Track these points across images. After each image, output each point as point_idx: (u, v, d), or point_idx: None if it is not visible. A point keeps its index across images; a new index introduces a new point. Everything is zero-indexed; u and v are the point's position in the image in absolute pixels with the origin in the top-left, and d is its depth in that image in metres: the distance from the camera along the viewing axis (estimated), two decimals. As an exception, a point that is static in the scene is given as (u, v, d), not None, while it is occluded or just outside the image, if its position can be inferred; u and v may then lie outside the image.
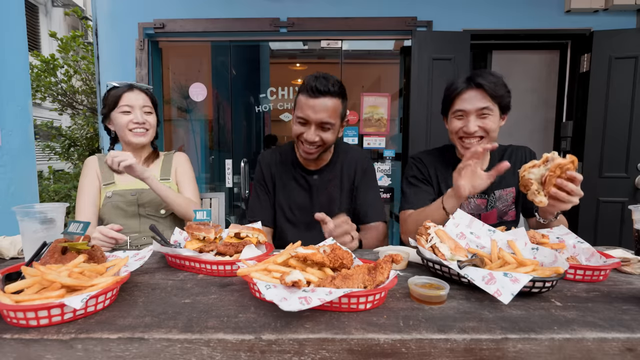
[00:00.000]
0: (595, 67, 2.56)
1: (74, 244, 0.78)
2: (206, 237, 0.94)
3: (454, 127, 1.25)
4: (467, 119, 1.21)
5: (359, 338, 0.54)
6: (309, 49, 3.21)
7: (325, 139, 1.24)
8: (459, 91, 1.22)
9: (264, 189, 1.43)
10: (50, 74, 4.94)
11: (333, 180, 1.39)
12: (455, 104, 1.23)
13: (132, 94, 1.38)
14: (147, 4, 2.73)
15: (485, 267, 0.78)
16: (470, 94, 1.20)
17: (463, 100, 1.21)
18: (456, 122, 1.24)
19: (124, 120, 1.36)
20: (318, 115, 1.19)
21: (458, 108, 1.22)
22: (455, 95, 1.23)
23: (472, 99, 1.20)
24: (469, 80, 1.21)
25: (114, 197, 1.37)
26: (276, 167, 1.42)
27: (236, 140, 3.27)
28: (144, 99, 1.40)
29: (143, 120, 1.38)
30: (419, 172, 1.37)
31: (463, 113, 1.22)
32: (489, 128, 1.19)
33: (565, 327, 0.58)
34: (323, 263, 0.70)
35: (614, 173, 2.59)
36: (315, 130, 1.21)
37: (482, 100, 1.19)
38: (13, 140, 1.52)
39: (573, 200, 0.97)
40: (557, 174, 0.94)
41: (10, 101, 1.52)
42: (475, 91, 1.19)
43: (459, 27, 2.66)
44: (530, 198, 0.98)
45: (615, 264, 0.81)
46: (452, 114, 1.25)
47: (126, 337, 0.54)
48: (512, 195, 1.31)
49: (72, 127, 5.26)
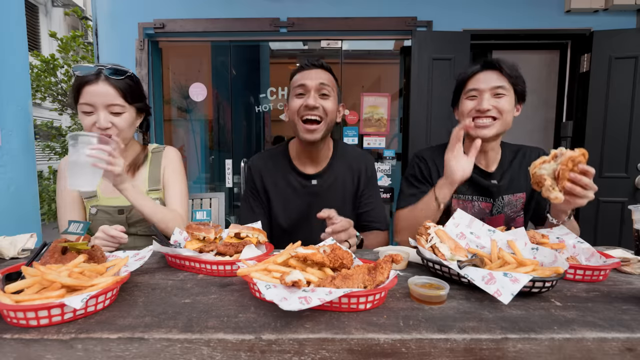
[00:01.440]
0: (595, 67, 2.57)
1: (74, 244, 0.78)
2: (206, 237, 0.94)
3: (466, 108, 1.18)
4: (480, 97, 1.15)
5: (359, 338, 0.54)
6: (309, 49, 3.21)
7: (325, 108, 1.18)
8: (474, 72, 1.17)
9: (257, 200, 1.31)
10: (50, 74, 4.95)
11: (334, 185, 1.29)
12: (469, 85, 1.18)
13: (96, 87, 1.08)
14: (147, 4, 2.73)
15: (485, 267, 0.78)
16: (486, 75, 1.15)
17: (477, 80, 1.16)
18: (468, 102, 1.17)
19: (86, 123, 1.10)
20: (315, 81, 1.17)
21: (472, 87, 1.16)
22: (469, 77, 1.18)
23: (486, 78, 1.15)
24: (484, 63, 1.17)
25: (100, 215, 1.19)
26: (269, 174, 1.30)
27: (236, 140, 3.27)
28: (112, 94, 1.09)
29: (107, 124, 1.09)
30: (420, 171, 1.32)
31: (477, 92, 1.15)
32: (503, 108, 1.13)
33: (565, 327, 0.58)
34: (323, 263, 0.70)
35: (614, 173, 2.59)
36: (314, 96, 1.17)
37: (497, 79, 1.14)
38: (13, 140, 1.52)
39: (589, 194, 0.93)
40: (570, 167, 0.91)
41: (10, 101, 1.52)
42: (491, 72, 1.15)
43: (459, 27, 2.66)
44: (545, 195, 0.93)
45: (615, 264, 0.81)
46: (465, 95, 1.19)
47: (126, 337, 0.54)
48: (521, 201, 1.26)
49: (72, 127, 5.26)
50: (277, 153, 1.34)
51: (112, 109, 1.10)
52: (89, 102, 1.08)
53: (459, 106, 1.24)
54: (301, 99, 1.18)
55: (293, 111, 1.20)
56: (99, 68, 1.10)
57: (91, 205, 1.22)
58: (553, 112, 3.03)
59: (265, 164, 1.32)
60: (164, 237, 0.97)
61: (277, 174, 1.30)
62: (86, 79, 1.08)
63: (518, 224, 1.28)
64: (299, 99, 1.19)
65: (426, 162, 1.32)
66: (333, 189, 1.28)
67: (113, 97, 1.10)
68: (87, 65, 1.11)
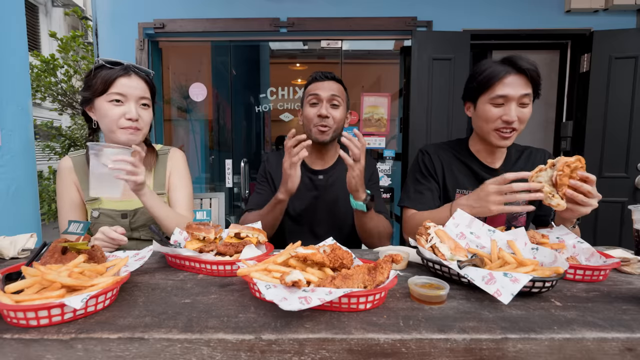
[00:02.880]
0: (595, 67, 2.56)
1: (74, 244, 0.78)
2: (206, 237, 0.94)
3: (492, 115, 1.13)
4: (508, 106, 1.10)
5: (359, 338, 0.54)
6: (309, 49, 3.21)
7: (335, 117, 1.34)
8: (502, 75, 1.11)
9: (267, 185, 1.45)
10: (50, 74, 4.95)
11: (338, 181, 1.41)
12: (496, 89, 1.11)
13: (129, 80, 1.11)
14: (147, 4, 2.73)
15: (485, 267, 0.78)
16: (514, 79, 1.10)
17: (505, 85, 1.10)
18: (494, 109, 1.12)
19: (114, 113, 1.09)
20: (327, 92, 1.33)
21: (500, 94, 1.10)
22: (496, 80, 1.11)
23: (515, 84, 1.10)
24: (510, 63, 1.11)
25: (102, 219, 1.18)
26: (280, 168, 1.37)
27: (236, 140, 3.27)
28: (143, 88, 1.14)
29: (137, 116, 1.12)
30: (425, 166, 1.31)
31: (504, 99, 1.10)
32: (525, 118, 1.11)
33: (565, 327, 0.58)
34: (323, 263, 0.70)
35: (614, 173, 2.59)
36: (326, 106, 1.33)
37: (524, 86, 1.10)
38: (13, 140, 1.52)
39: (592, 202, 0.91)
40: (567, 172, 0.89)
41: (10, 101, 1.51)
42: (518, 76, 1.10)
43: (459, 27, 2.66)
44: (547, 203, 0.91)
45: (615, 264, 0.81)
46: (490, 101, 1.13)
47: (126, 337, 0.54)
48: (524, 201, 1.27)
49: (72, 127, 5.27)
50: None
51: (141, 102, 1.14)
52: (122, 93, 1.10)
53: (476, 106, 1.19)
54: (314, 108, 1.35)
55: (308, 118, 1.36)
56: (127, 64, 1.13)
57: (93, 208, 1.20)
58: (553, 111, 3.03)
59: (278, 160, 1.46)
60: (164, 237, 0.97)
61: None
62: (119, 72, 1.10)
63: (520, 223, 1.28)
64: (312, 108, 1.35)
65: (430, 157, 1.31)
66: (337, 185, 1.41)
67: (144, 91, 1.14)
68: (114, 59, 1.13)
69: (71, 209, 1.21)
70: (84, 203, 1.22)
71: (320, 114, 1.32)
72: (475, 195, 1.02)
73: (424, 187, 1.28)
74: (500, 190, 0.96)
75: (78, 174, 1.21)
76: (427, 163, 1.32)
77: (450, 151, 1.32)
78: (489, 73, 1.13)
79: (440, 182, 1.30)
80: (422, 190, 1.28)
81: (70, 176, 1.21)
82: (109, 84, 1.09)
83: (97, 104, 1.11)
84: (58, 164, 1.25)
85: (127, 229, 1.18)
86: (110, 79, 1.09)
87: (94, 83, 1.10)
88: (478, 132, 1.23)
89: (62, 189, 1.21)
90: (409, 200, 1.29)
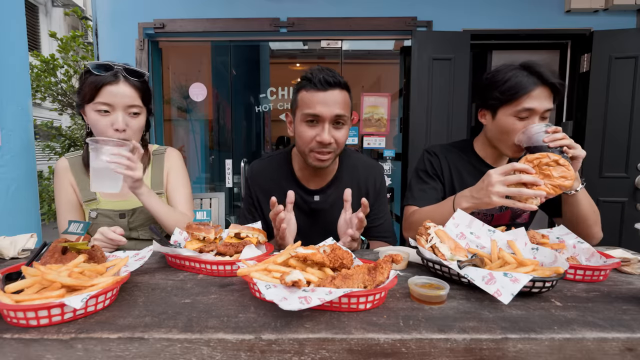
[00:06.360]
0: (595, 67, 2.57)
1: (74, 244, 0.78)
2: (206, 237, 0.94)
3: (516, 127, 1.10)
4: (531, 119, 1.09)
5: (359, 338, 0.54)
6: (309, 49, 3.22)
7: (338, 140, 1.08)
8: (531, 89, 1.07)
9: (255, 210, 1.27)
10: (50, 74, 4.95)
11: (338, 202, 1.14)
12: (523, 102, 1.08)
13: (117, 87, 1.04)
14: (147, 4, 2.73)
15: (485, 267, 0.78)
16: (540, 92, 1.08)
17: (532, 99, 1.08)
18: (518, 122, 1.10)
19: (101, 124, 1.05)
20: (332, 109, 1.03)
21: (527, 107, 1.08)
22: (524, 94, 1.08)
23: (541, 97, 1.08)
24: (537, 75, 1.08)
25: (100, 219, 1.17)
26: (268, 186, 1.23)
27: (236, 140, 3.27)
28: (132, 95, 1.07)
29: (124, 126, 1.06)
30: (431, 166, 1.29)
31: (529, 113, 1.08)
32: None
33: (565, 327, 0.58)
34: (323, 263, 0.70)
35: (613, 173, 2.59)
36: (328, 128, 1.05)
37: (548, 100, 1.09)
38: (13, 140, 1.52)
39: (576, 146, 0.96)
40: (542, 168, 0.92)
41: (10, 101, 1.51)
42: (544, 89, 1.08)
43: (459, 27, 2.66)
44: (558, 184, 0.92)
45: (615, 264, 0.81)
46: (516, 114, 1.10)
47: (126, 337, 0.54)
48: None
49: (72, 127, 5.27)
50: (278, 162, 1.26)
51: (130, 110, 1.08)
52: (108, 102, 1.04)
53: (496, 116, 1.16)
54: (312, 129, 1.07)
55: (303, 139, 1.09)
56: (117, 69, 1.06)
57: (91, 208, 1.19)
58: (553, 111, 3.02)
59: (264, 175, 1.24)
60: (163, 237, 0.97)
61: (276, 187, 1.21)
62: (107, 79, 1.03)
63: (523, 219, 1.28)
64: (310, 129, 1.07)
65: (438, 158, 1.30)
66: (337, 206, 1.13)
67: (133, 99, 1.07)
68: (103, 62, 1.06)
69: (68, 210, 1.21)
70: (81, 203, 1.22)
71: (322, 140, 1.05)
72: (477, 186, 1.01)
73: (429, 186, 1.27)
74: (506, 180, 0.93)
75: (75, 174, 1.20)
76: (434, 163, 1.30)
77: (457, 153, 1.30)
78: (516, 84, 1.09)
79: (447, 184, 1.29)
80: (426, 189, 1.26)
81: (67, 177, 1.20)
82: (95, 92, 1.04)
83: (87, 111, 1.08)
84: (55, 164, 1.24)
85: (126, 229, 1.17)
86: (96, 86, 1.04)
87: (82, 89, 1.07)
88: (494, 141, 1.20)
89: (59, 189, 1.21)
90: (413, 199, 1.27)
